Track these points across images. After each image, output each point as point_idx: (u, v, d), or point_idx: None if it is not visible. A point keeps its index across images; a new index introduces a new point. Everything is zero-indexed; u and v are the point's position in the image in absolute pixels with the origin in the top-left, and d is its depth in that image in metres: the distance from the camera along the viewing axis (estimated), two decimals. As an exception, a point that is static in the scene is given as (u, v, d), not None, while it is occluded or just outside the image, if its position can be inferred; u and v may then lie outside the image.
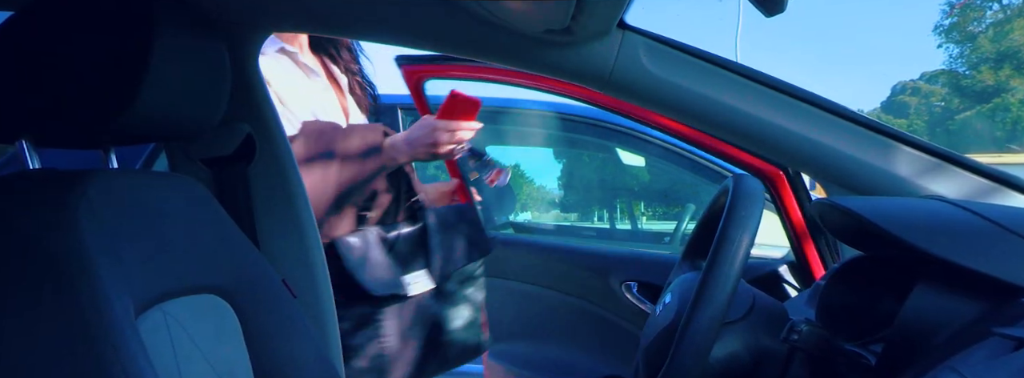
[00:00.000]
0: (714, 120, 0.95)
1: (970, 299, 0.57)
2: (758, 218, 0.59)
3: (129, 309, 0.63)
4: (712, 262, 0.56)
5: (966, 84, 19.90)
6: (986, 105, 17.76)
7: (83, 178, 0.67)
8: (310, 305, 1.06)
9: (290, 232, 1.09)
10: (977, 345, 0.50)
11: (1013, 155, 7.36)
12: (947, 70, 21.32)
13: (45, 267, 0.61)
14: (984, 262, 0.57)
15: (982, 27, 20.16)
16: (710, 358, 0.57)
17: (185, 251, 0.76)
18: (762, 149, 0.98)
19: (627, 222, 3.46)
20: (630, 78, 0.92)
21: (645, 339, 0.72)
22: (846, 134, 0.93)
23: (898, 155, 0.92)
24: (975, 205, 0.65)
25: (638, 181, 2.88)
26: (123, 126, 0.72)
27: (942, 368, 0.50)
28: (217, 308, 0.80)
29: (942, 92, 21.53)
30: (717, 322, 0.54)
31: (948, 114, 19.96)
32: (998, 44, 19.25)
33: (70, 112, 0.72)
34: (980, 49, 19.80)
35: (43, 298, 0.60)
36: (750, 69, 0.94)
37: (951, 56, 21.19)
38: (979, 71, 19.55)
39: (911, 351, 0.57)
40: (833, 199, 0.76)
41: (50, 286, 0.61)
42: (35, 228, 0.62)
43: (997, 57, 19.17)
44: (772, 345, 0.62)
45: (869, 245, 0.76)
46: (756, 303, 0.65)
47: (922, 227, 0.62)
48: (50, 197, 0.65)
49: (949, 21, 20.74)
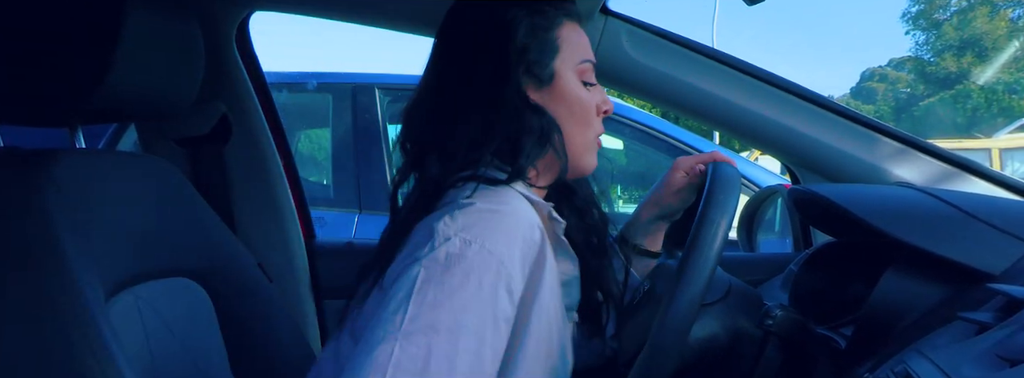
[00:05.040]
0: (692, 106, 0.96)
1: (936, 284, 0.59)
2: (735, 202, 0.60)
3: (99, 292, 0.62)
4: (693, 243, 0.57)
5: (931, 71, 20.39)
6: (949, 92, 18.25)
7: (49, 158, 0.64)
8: (287, 289, 1.05)
9: (267, 215, 1.07)
10: (942, 329, 0.53)
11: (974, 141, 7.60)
12: (913, 57, 21.81)
13: (11, 250, 0.60)
14: (950, 248, 0.59)
15: (947, 15, 20.61)
16: (690, 338, 0.59)
17: (157, 234, 0.74)
18: (738, 135, 0.99)
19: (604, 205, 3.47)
20: (612, 64, 0.93)
21: (624, 322, 0.73)
22: (819, 121, 0.95)
23: (867, 141, 0.95)
24: (942, 192, 0.67)
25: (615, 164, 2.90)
26: (93, 104, 0.69)
27: (908, 351, 0.52)
28: (190, 292, 0.79)
29: (908, 79, 22.04)
30: (698, 300, 0.55)
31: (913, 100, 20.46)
32: (961, 32, 19.73)
33: (37, 89, 0.69)
34: (945, 36, 20.27)
35: (10, 281, 0.59)
36: (729, 56, 0.96)
37: (917, 43, 21.68)
38: (943, 58, 20.03)
39: (879, 334, 0.60)
40: (806, 186, 0.78)
41: (17, 269, 0.59)
42: (0, 210, 0.60)
43: (960, 44, 19.65)
44: (749, 328, 0.64)
45: (840, 231, 0.78)
46: (733, 287, 0.67)
47: (891, 214, 0.64)
48: (15, 178, 0.63)
49: (916, 8, 21.16)
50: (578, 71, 0.69)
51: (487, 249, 0.56)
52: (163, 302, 0.74)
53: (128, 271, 0.69)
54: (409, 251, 0.59)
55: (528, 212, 0.61)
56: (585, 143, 0.70)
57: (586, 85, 0.70)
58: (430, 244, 0.57)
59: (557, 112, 0.68)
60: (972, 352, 0.46)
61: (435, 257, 0.56)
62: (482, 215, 0.58)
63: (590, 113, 0.70)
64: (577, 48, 0.70)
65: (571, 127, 0.68)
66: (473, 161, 0.63)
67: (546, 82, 0.67)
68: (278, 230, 1.08)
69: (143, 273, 0.71)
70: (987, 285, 0.53)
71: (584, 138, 0.70)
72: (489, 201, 0.60)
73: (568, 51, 0.69)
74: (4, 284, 0.59)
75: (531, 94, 0.67)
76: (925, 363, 0.48)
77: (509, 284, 0.56)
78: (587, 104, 0.69)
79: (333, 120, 2.26)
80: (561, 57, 0.68)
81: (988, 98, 17.07)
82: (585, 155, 0.70)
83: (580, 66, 0.69)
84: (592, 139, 0.71)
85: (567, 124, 0.68)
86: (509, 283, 0.56)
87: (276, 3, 1.04)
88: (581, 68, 0.70)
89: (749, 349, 0.64)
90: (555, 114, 0.67)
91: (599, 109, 0.71)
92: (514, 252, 0.57)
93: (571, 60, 0.69)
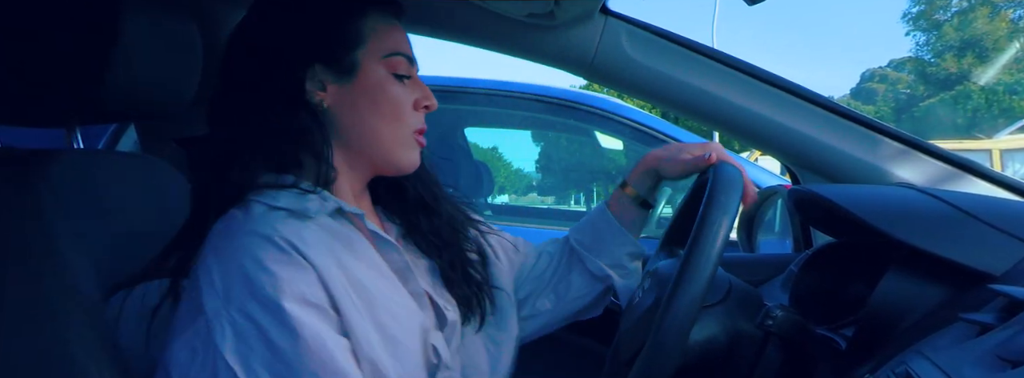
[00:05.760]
0: (692, 107, 0.96)
1: (937, 285, 0.59)
2: (737, 202, 0.60)
3: (96, 293, 0.61)
4: (693, 243, 0.56)
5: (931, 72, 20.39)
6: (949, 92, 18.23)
7: (47, 159, 0.64)
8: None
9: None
10: (943, 330, 0.52)
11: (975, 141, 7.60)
12: (914, 57, 21.82)
13: (9, 250, 0.59)
14: (951, 249, 0.59)
15: (948, 15, 20.61)
16: (689, 340, 0.58)
17: (155, 235, 0.74)
18: (738, 135, 0.99)
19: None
20: (612, 64, 0.92)
21: (625, 322, 0.73)
22: (819, 121, 0.95)
23: (867, 142, 0.94)
24: (944, 193, 0.67)
25: (615, 164, 2.89)
26: (91, 105, 0.69)
27: (909, 352, 0.52)
28: (190, 293, 0.79)
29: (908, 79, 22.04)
30: (698, 301, 0.54)
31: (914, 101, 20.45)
32: (962, 32, 19.73)
33: (35, 89, 0.69)
34: (945, 37, 20.27)
35: (7, 282, 0.58)
36: (729, 56, 0.95)
37: (918, 44, 21.69)
38: (943, 59, 20.03)
39: (880, 335, 0.59)
40: (807, 187, 0.77)
41: (14, 270, 0.59)
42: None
43: (961, 45, 19.65)
44: (748, 329, 0.64)
45: (841, 231, 0.78)
46: (733, 288, 0.66)
47: (892, 214, 0.64)
48: (12, 179, 0.62)
49: (917, 9, 21.16)
50: (388, 63, 0.67)
51: None
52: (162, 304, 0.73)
53: (126, 272, 0.68)
54: (195, 296, 0.58)
55: (261, 226, 0.59)
56: (397, 138, 0.68)
57: (400, 78, 0.68)
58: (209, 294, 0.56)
59: (361, 106, 0.66)
60: (973, 353, 0.45)
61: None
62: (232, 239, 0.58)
63: (401, 107, 0.67)
64: (387, 40, 0.67)
65: (377, 121, 0.66)
66: (244, 166, 0.63)
67: (346, 73, 0.65)
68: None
69: (141, 274, 0.71)
70: (988, 286, 0.52)
71: (394, 133, 0.67)
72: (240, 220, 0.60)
73: (375, 43, 0.66)
74: (2, 285, 0.58)
75: (328, 87, 0.65)
76: (926, 364, 0.48)
77: (304, 298, 0.56)
78: (396, 97, 0.67)
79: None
80: (366, 48, 0.66)
81: (989, 99, 17.06)
82: (397, 150, 0.68)
83: (391, 59, 0.67)
84: (407, 134, 0.68)
85: (373, 118, 0.66)
86: (304, 297, 0.56)
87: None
88: (392, 61, 0.67)
89: (749, 350, 0.64)
90: (358, 108, 0.66)
91: (418, 104, 0.69)
92: (281, 272, 0.56)
93: (377, 52, 0.67)
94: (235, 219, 0.60)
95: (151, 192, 0.77)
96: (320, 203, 0.63)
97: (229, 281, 0.56)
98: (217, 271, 0.57)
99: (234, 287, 0.56)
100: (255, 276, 0.56)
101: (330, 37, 0.65)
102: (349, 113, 0.66)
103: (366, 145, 0.67)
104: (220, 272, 0.57)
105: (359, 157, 0.68)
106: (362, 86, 0.66)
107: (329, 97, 0.66)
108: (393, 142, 0.68)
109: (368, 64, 0.66)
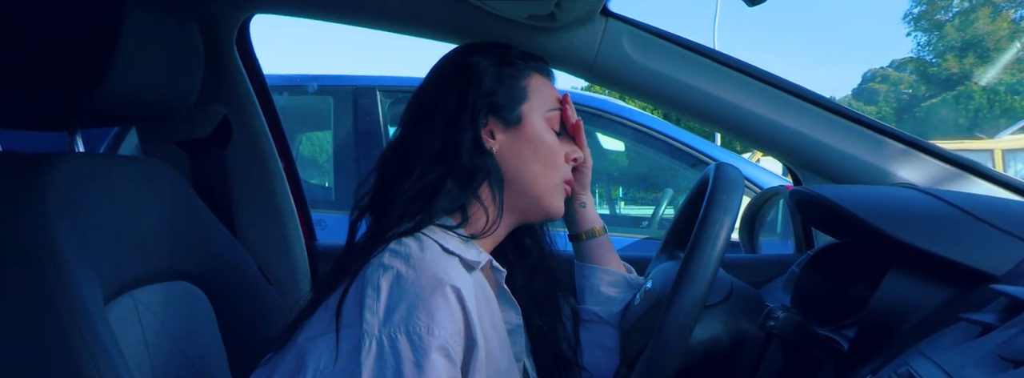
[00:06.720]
0: (693, 108, 0.96)
1: (939, 285, 0.59)
2: (738, 203, 0.60)
3: (98, 296, 0.61)
4: (695, 243, 0.56)
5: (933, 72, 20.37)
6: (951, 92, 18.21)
7: (48, 162, 0.64)
8: (288, 292, 1.05)
9: (268, 218, 1.07)
10: (945, 330, 0.52)
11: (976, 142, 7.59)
12: (915, 58, 21.80)
13: (10, 254, 0.59)
14: (953, 249, 0.59)
15: (949, 15, 20.59)
16: (692, 341, 0.58)
17: (157, 238, 0.74)
18: (739, 136, 0.99)
19: (606, 207, 3.48)
20: (613, 65, 0.92)
21: (626, 323, 0.73)
22: (820, 122, 0.95)
23: (869, 142, 0.94)
24: (945, 193, 0.67)
25: (617, 166, 2.89)
26: (93, 107, 0.69)
27: (911, 352, 0.52)
28: (190, 295, 0.79)
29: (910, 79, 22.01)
30: (700, 301, 0.54)
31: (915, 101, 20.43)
32: (963, 32, 19.71)
33: (36, 92, 0.69)
34: (946, 37, 20.25)
35: (9, 284, 0.59)
36: (730, 57, 0.95)
37: (919, 44, 21.67)
38: (945, 59, 20.01)
39: (882, 336, 0.59)
40: (809, 187, 0.77)
41: (16, 273, 0.59)
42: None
43: (962, 45, 19.63)
44: (751, 330, 0.64)
45: (843, 232, 0.78)
46: (735, 288, 0.66)
47: (894, 215, 0.64)
48: (13, 182, 0.63)
49: (918, 9, 21.14)
50: (547, 119, 0.74)
51: (420, 330, 0.59)
52: (162, 306, 0.74)
53: (127, 274, 0.69)
54: (354, 317, 0.61)
55: (439, 270, 0.61)
56: (551, 184, 0.73)
57: (555, 134, 0.74)
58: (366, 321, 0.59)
59: (522, 152, 0.72)
60: (975, 353, 0.45)
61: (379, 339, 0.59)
62: (402, 285, 0.61)
63: (556, 156, 0.73)
64: (546, 98, 0.75)
65: (536, 166, 0.72)
66: (417, 211, 0.66)
67: (513, 123, 0.72)
68: (279, 233, 1.08)
69: (142, 277, 0.71)
70: (990, 286, 0.52)
71: (549, 179, 0.73)
72: (407, 263, 0.62)
73: (537, 99, 0.74)
74: (3, 287, 0.59)
75: (497, 135, 0.71)
76: (928, 365, 0.47)
77: (445, 349, 0.59)
78: (553, 146, 0.73)
79: (334, 122, 2.26)
80: (529, 103, 0.73)
81: (990, 99, 17.04)
82: (550, 196, 0.73)
83: (548, 114, 0.74)
84: (559, 182, 0.74)
85: (532, 163, 0.72)
86: (445, 348, 0.59)
87: (277, 6, 1.04)
88: (549, 116, 0.74)
89: (752, 350, 0.64)
90: (520, 154, 0.71)
91: (568, 157, 0.75)
92: (439, 317, 0.59)
93: (540, 108, 0.74)
94: (411, 249, 0.63)
95: (152, 194, 0.77)
96: (477, 254, 0.67)
97: (393, 307, 0.60)
98: (385, 292, 0.60)
99: (395, 315, 0.59)
100: (417, 314, 0.59)
101: (499, 91, 0.72)
102: (512, 158, 0.72)
103: (524, 188, 0.72)
104: (388, 295, 0.60)
105: (515, 200, 0.72)
106: (524, 134, 0.73)
107: (497, 144, 0.72)
108: (547, 186, 0.73)
109: (531, 116, 0.73)
